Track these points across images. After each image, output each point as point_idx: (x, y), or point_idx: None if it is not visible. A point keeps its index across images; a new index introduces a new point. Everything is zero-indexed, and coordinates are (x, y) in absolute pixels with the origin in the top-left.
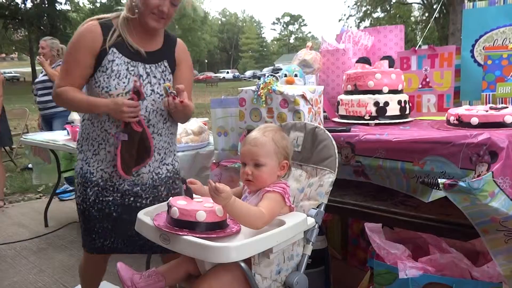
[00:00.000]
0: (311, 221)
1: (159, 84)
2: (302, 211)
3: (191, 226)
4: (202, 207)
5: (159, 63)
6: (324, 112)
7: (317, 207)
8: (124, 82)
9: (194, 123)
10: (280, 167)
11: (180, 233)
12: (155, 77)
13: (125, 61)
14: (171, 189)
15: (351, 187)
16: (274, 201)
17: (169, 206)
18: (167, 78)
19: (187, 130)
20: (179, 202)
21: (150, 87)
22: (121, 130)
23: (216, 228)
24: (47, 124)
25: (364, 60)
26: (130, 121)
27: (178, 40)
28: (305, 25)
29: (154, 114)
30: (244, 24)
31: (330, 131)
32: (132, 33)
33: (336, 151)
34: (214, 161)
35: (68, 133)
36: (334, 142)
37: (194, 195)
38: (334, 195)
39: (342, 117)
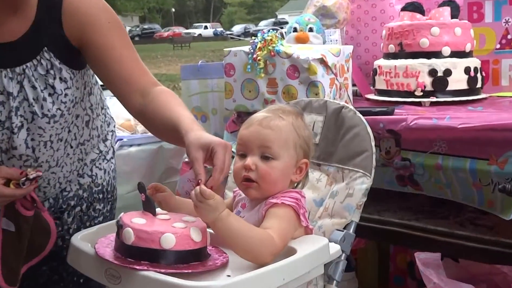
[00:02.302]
0: (335, 249)
1: (44, 99)
2: (321, 234)
3: (153, 256)
4: (169, 227)
5: (38, 58)
6: (353, 85)
7: (344, 228)
8: None
9: None
10: (297, 168)
11: (137, 267)
12: (34, 87)
13: None
14: (84, 220)
15: (394, 198)
16: (285, 220)
17: (120, 226)
18: (59, 79)
19: None
20: (135, 221)
21: (29, 109)
22: (3, 215)
23: (191, 259)
24: None
25: (414, 7)
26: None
27: None
28: None
29: (45, 148)
30: None
31: (363, 113)
32: None
33: (373, 143)
34: (186, 159)
35: None
36: (369, 130)
37: (158, 210)
38: (369, 211)
39: (380, 92)
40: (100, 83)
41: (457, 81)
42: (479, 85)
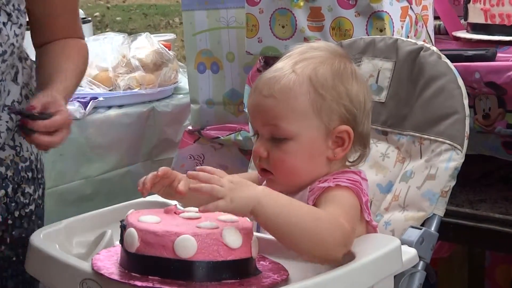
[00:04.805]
0: (409, 254)
1: None
2: (388, 233)
3: (163, 269)
4: (191, 228)
5: None
6: (436, 18)
7: (422, 225)
8: None
9: (146, 46)
10: (332, 141)
11: (139, 284)
12: None
13: None
14: (11, 208)
15: (495, 182)
16: (348, 205)
17: (123, 227)
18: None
19: (130, 59)
20: (144, 219)
21: None
22: None
23: (224, 274)
24: None
25: None
26: None
27: None
28: None
29: None
30: None
31: (451, 58)
32: None
33: (466, 101)
34: (190, 128)
35: None
36: (461, 82)
37: (184, 205)
38: (457, 201)
39: (476, 28)
40: None
41: None
42: None
